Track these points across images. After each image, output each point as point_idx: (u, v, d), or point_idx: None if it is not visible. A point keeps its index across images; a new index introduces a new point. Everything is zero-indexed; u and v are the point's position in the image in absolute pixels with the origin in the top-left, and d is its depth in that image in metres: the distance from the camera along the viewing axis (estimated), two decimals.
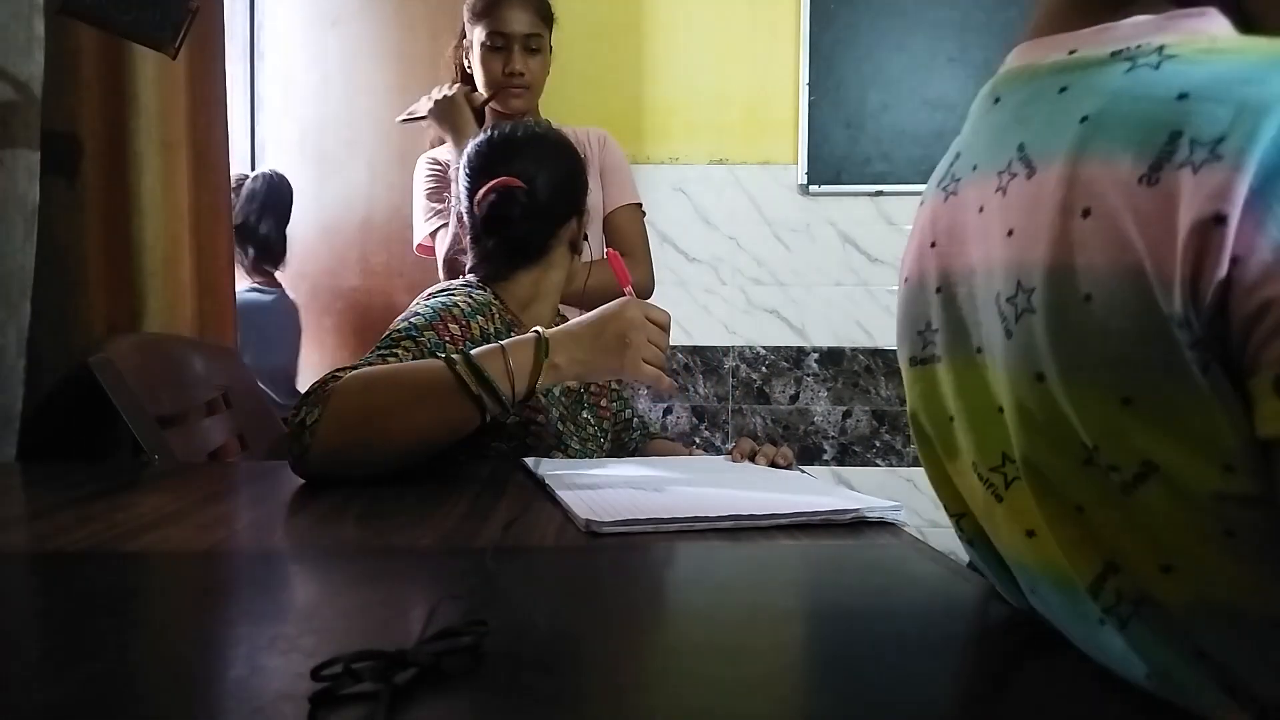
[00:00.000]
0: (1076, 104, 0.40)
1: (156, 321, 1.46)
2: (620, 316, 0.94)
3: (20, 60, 1.22)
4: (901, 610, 0.52)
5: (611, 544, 0.64)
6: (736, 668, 0.41)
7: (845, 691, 0.39)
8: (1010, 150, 0.43)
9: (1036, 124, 0.42)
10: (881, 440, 2.71)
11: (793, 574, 0.61)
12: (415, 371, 0.90)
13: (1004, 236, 0.42)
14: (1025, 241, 0.40)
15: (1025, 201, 0.41)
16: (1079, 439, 0.38)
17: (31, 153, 1.24)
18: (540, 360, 0.90)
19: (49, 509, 0.76)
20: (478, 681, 0.37)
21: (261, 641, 0.43)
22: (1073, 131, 0.39)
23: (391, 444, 0.87)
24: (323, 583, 0.58)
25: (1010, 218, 0.41)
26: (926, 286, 0.49)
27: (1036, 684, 0.41)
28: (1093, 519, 0.39)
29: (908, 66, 2.64)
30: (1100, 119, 0.38)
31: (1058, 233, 0.38)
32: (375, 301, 2.48)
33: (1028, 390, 0.40)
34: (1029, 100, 0.44)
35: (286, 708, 0.34)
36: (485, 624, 0.39)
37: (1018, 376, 0.41)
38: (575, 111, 2.10)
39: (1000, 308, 0.42)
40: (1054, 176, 0.39)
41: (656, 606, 0.54)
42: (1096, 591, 0.39)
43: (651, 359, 0.95)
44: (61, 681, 0.37)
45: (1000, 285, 0.42)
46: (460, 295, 1.10)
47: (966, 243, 0.46)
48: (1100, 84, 0.40)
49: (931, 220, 0.50)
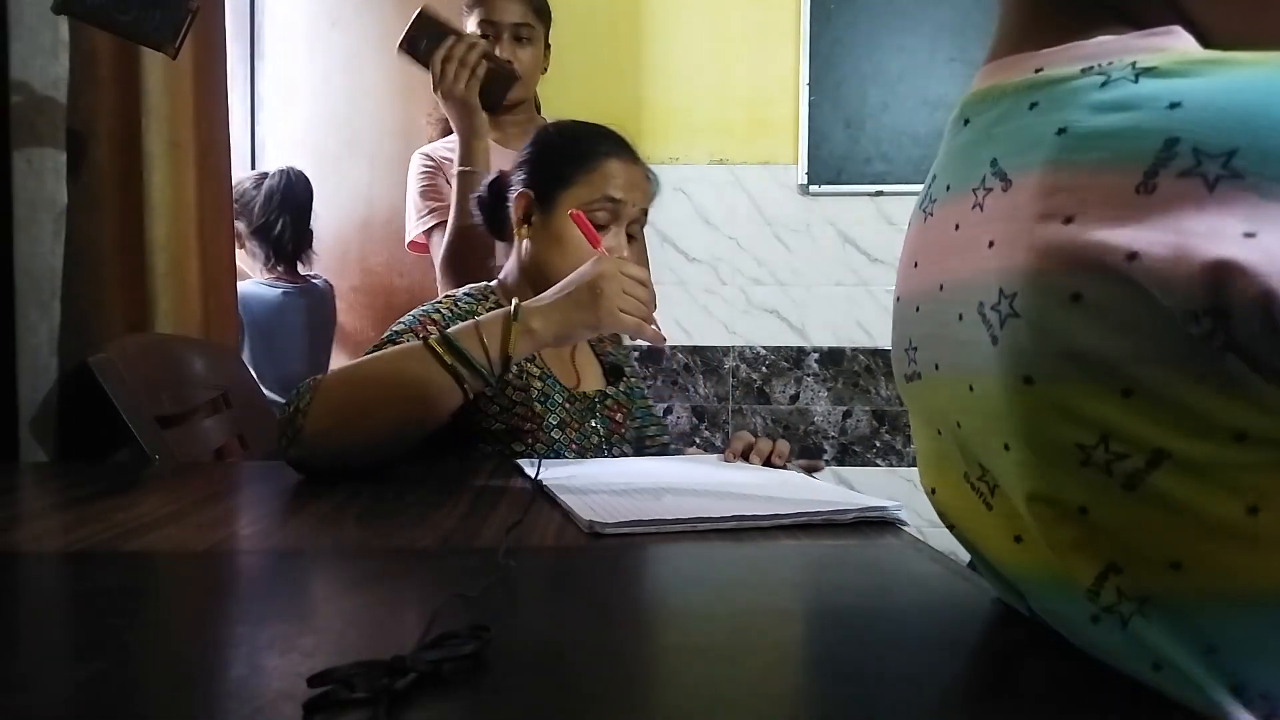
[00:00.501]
0: (1048, 117, 0.40)
1: (167, 321, 1.47)
2: (590, 272, 0.97)
3: (47, 62, 1.24)
4: (901, 610, 0.52)
5: (613, 544, 0.64)
6: (737, 668, 0.41)
7: (845, 691, 0.39)
8: (983, 166, 0.44)
9: (1007, 140, 0.43)
10: (881, 440, 2.71)
11: (793, 574, 0.61)
12: (395, 354, 0.95)
13: (986, 248, 0.42)
14: (1006, 250, 0.41)
15: (1003, 212, 0.41)
16: (1074, 439, 0.38)
17: (58, 153, 1.25)
18: (510, 327, 0.93)
19: (49, 509, 0.76)
20: (478, 685, 0.37)
21: (261, 641, 0.43)
22: (1049, 143, 0.39)
23: (376, 423, 0.90)
24: (323, 583, 0.58)
25: (991, 229, 0.42)
26: (909, 304, 0.51)
27: (1037, 684, 0.41)
28: (1096, 520, 0.39)
29: (908, 66, 2.64)
30: (1079, 129, 0.39)
31: (1038, 239, 0.38)
32: (375, 302, 2.48)
33: (1017, 395, 0.40)
34: (998, 119, 0.44)
35: (286, 708, 0.34)
36: (488, 629, 0.39)
37: (1006, 382, 0.41)
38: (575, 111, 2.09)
39: (985, 316, 0.42)
40: (1031, 186, 0.40)
41: (659, 607, 0.54)
42: (1096, 592, 0.39)
43: (630, 309, 0.96)
44: (61, 681, 0.37)
45: (983, 295, 0.42)
46: (446, 303, 1.13)
47: (945, 260, 0.47)
48: (1074, 98, 0.40)
49: (914, 240, 0.52)
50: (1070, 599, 0.41)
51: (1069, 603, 0.42)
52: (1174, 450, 0.36)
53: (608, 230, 1.14)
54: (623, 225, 1.16)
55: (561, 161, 1.17)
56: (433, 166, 1.65)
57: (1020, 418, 0.40)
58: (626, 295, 0.96)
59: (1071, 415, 0.38)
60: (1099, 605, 0.39)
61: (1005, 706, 0.39)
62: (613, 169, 1.15)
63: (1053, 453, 0.39)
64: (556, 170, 1.16)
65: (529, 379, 1.12)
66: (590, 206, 1.13)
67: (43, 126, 1.24)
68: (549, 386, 1.14)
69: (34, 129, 1.23)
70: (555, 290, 0.98)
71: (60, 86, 1.25)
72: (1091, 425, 0.38)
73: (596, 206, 1.13)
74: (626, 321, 0.96)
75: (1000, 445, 0.42)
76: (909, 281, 0.52)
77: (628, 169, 1.16)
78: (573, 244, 1.13)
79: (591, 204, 1.13)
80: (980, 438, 0.45)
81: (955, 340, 0.45)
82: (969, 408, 0.45)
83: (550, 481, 0.84)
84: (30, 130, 1.23)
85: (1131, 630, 0.38)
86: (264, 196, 2.11)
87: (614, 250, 1.14)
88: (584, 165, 1.15)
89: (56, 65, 1.25)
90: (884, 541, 0.67)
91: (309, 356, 2.19)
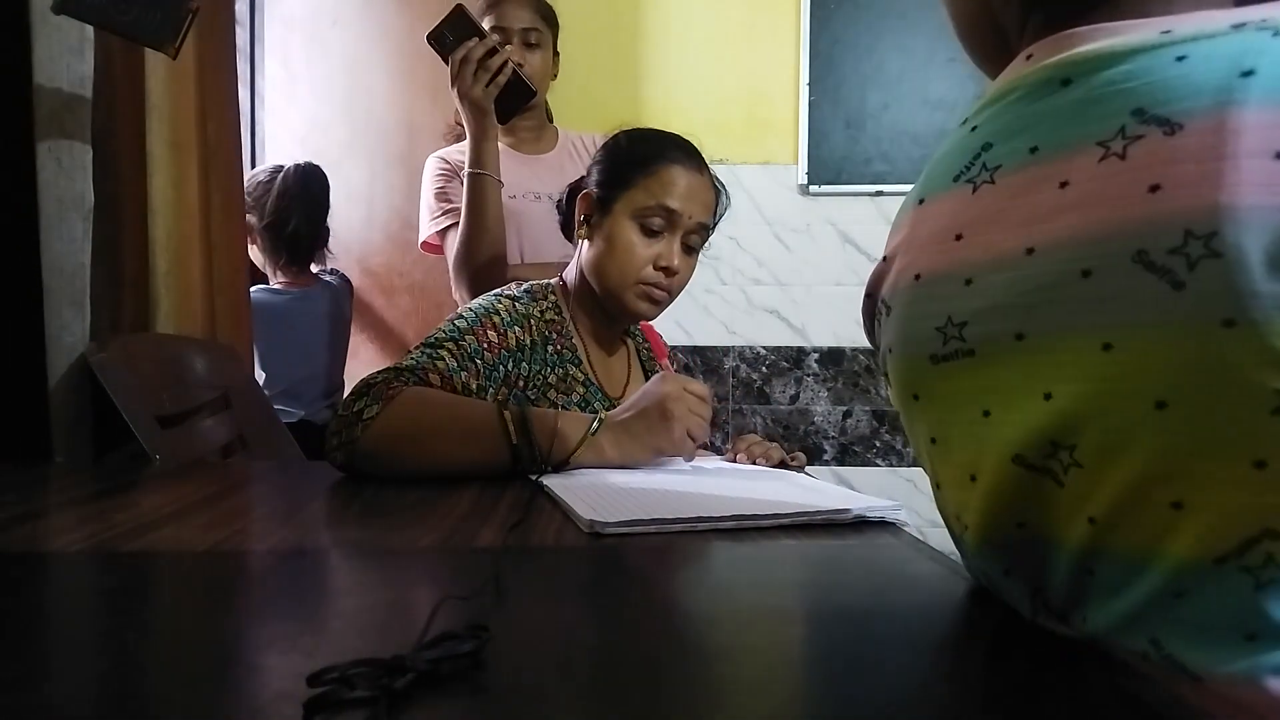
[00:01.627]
0: (1214, 65, 0.40)
1: (169, 322, 1.47)
2: (658, 392, 0.97)
3: (74, 60, 1.24)
4: (901, 610, 0.52)
5: (613, 544, 0.64)
6: (737, 668, 0.41)
7: (845, 692, 0.39)
8: (1120, 117, 0.43)
9: (1153, 90, 0.42)
10: (881, 440, 2.71)
11: (793, 574, 0.61)
12: (471, 407, 0.96)
13: (1145, 193, 0.41)
14: (1186, 191, 0.39)
15: (1176, 154, 0.40)
16: (1271, 383, 0.37)
17: (86, 151, 1.26)
18: (584, 439, 0.94)
19: (49, 509, 0.76)
20: (478, 685, 0.37)
21: (261, 641, 0.43)
22: (1234, 85, 0.39)
23: (426, 462, 0.91)
24: (323, 583, 0.58)
25: (1152, 174, 0.41)
26: (949, 280, 0.49)
27: (1037, 684, 0.41)
28: (1272, 472, 0.38)
29: (908, 66, 2.64)
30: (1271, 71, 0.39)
31: (1242, 175, 0.38)
32: (375, 302, 2.48)
33: (1212, 341, 0.39)
34: (1129, 75, 0.44)
35: (286, 708, 0.34)
36: (487, 629, 0.39)
37: (1196, 328, 0.39)
38: (575, 112, 2.10)
39: (1157, 263, 0.40)
40: (1222, 125, 0.39)
41: (658, 607, 0.54)
42: (1235, 556, 0.39)
43: (696, 434, 0.97)
44: (61, 681, 0.37)
45: (1150, 241, 0.40)
46: (505, 302, 1.12)
47: (1040, 222, 0.45)
48: (1235, 48, 0.40)
49: (953, 214, 0.50)
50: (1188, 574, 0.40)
51: (1146, 577, 0.41)
52: None
53: (660, 238, 1.14)
54: (677, 235, 1.14)
55: (624, 165, 1.16)
56: (448, 169, 1.67)
57: (1208, 367, 0.39)
58: (694, 415, 0.96)
59: (1273, 356, 0.37)
60: (1238, 564, 0.39)
61: (1005, 707, 0.39)
62: (673, 176, 1.13)
63: (1243, 400, 0.38)
64: (618, 173, 1.16)
65: (573, 383, 1.13)
66: (645, 213, 1.13)
67: (71, 125, 1.24)
68: (591, 393, 1.15)
69: (63, 127, 1.23)
70: (629, 407, 0.98)
71: (87, 84, 1.26)
72: None
73: (651, 213, 1.13)
74: (690, 447, 0.97)
75: (1148, 406, 0.41)
76: (946, 255, 0.50)
77: (689, 178, 1.14)
78: (621, 248, 1.13)
79: (646, 210, 1.13)
80: (1100, 402, 0.42)
81: (1078, 300, 0.43)
82: (1088, 372, 0.43)
83: (550, 481, 0.84)
84: (59, 128, 1.23)
85: (1263, 594, 0.38)
86: (276, 192, 2.07)
87: (663, 257, 1.13)
88: (644, 170, 1.14)
89: (83, 63, 1.25)
90: (884, 541, 0.67)
91: (321, 357, 2.16)
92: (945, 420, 0.51)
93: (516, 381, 1.08)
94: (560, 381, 1.11)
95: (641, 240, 1.13)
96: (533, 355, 1.10)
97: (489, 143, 1.50)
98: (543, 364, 1.11)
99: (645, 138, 1.20)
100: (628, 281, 1.14)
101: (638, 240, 1.13)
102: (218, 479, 1.01)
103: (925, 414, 0.52)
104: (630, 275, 1.14)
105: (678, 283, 1.17)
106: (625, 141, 1.21)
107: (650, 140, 1.18)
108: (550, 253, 1.64)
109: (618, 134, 1.24)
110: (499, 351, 1.06)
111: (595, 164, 1.21)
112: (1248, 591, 0.39)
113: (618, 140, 1.22)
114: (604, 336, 1.22)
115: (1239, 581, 0.39)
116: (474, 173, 1.50)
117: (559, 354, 1.13)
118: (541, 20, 1.67)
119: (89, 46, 1.26)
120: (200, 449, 1.39)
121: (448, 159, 1.69)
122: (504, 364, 1.06)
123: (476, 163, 1.50)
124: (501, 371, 1.06)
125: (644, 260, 1.13)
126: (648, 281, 1.14)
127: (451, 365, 1.00)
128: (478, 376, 1.03)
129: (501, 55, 1.46)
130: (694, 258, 1.19)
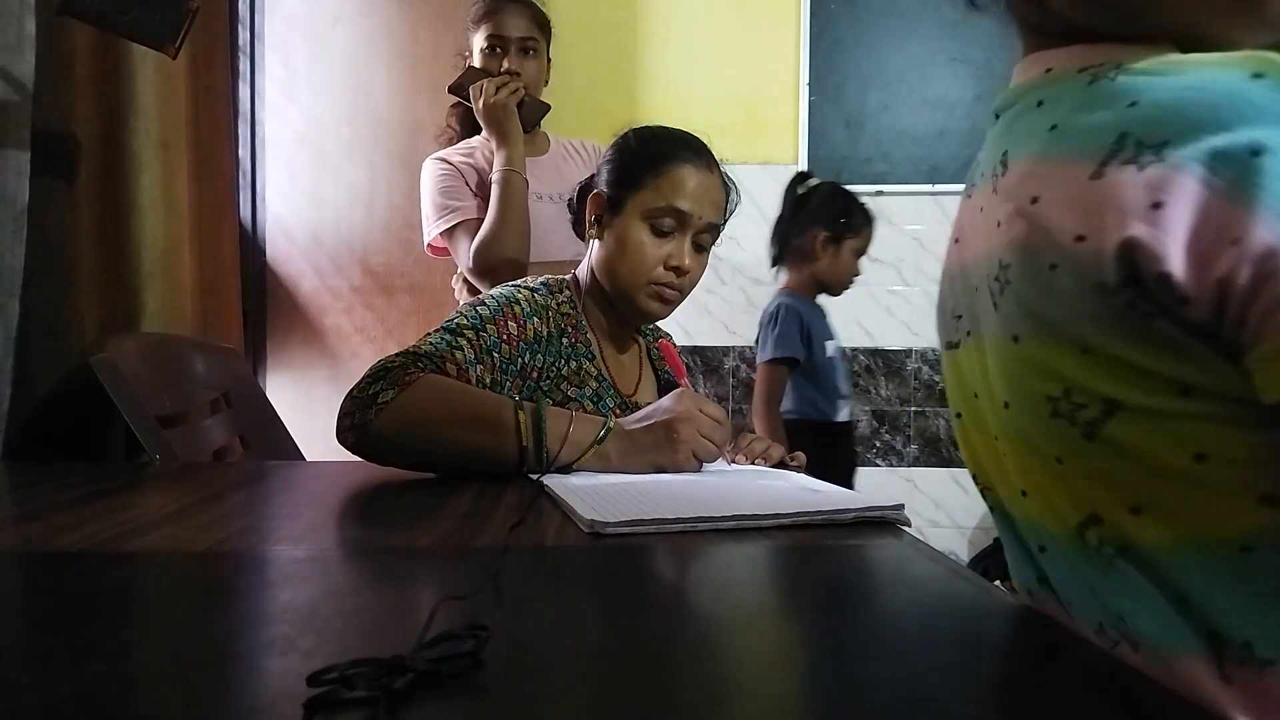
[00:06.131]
0: (1047, 115, 0.48)
1: (155, 321, 1.46)
2: (671, 410, 0.97)
3: (12, 59, 1.22)
4: (901, 610, 0.52)
5: (613, 544, 0.64)
6: (737, 668, 0.41)
7: (845, 692, 0.39)
8: (998, 156, 0.51)
9: (1018, 133, 0.50)
10: (881, 440, 2.70)
11: (793, 574, 0.61)
12: (486, 402, 0.95)
13: (995, 227, 0.49)
14: (1006, 228, 0.48)
15: (1005, 196, 0.48)
16: (1046, 391, 0.44)
17: (21, 153, 1.24)
18: (592, 446, 0.94)
19: (49, 509, 0.76)
20: (478, 685, 0.37)
21: (261, 642, 0.43)
22: (1041, 137, 0.47)
23: (435, 451, 0.92)
24: (322, 583, 0.58)
25: (999, 211, 0.49)
26: (954, 277, 0.58)
27: (1037, 684, 0.41)
28: (1068, 469, 0.44)
29: (908, 66, 2.64)
30: (1064, 126, 0.46)
31: (1024, 218, 0.46)
32: (375, 302, 2.48)
33: (1006, 352, 0.47)
34: (1017, 115, 0.52)
35: (286, 708, 0.34)
36: (486, 629, 0.39)
37: (999, 342, 0.48)
38: (574, 112, 2.11)
39: (990, 286, 0.49)
40: (1021, 173, 0.47)
41: (659, 607, 0.54)
42: (1080, 538, 0.45)
43: (703, 455, 0.96)
44: (61, 681, 0.37)
45: (989, 268, 0.49)
46: (525, 293, 1.12)
47: (975, 238, 0.54)
48: (1066, 96, 0.47)
49: (957, 219, 0.59)
50: (1067, 549, 0.47)
51: (1065, 552, 0.48)
52: (1124, 400, 0.41)
53: (671, 237, 1.13)
54: (687, 235, 1.14)
55: (633, 166, 1.16)
56: (450, 169, 1.69)
57: (1010, 373, 0.47)
58: (703, 439, 0.95)
59: (1043, 369, 0.44)
60: (1087, 550, 0.45)
61: (1005, 707, 0.39)
62: (683, 176, 1.13)
63: (1031, 405, 0.46)
64: (628, 174, 1.16)
65: (585, 378, 1.13)
66: (655, 213, 1.12)
67: (7, 125, 1.22)
68: (604, 388, 1.15)
69: None
70: (641, 418, 0.98)
71: (27, 84, 1.23)
72: (1057, 378, 0.44)
73: (661, 214, 1.12)
74: (694, 467, 0.96)
75: (1001, 403, 0.49)
76: (952, 255, 0.59)
77: (700, 178, 1.14)
78: (632, 249, 1.13)
79: (656, 210, 1.12)
80: (992, 399, 0.51)
81: (975, 311, 0.53)
82: (984, 371, 0.51)
83: (551, 481, 0.84)
84: None
85: (1114, 577, 0.44)
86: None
87: (674, 257, 1.13)
88: (654, 171, 1.13)
89: (22, 62, 1.23)
90: (884, 541, 0.67)
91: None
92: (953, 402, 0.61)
93: (532, 373, 1.08)
94: (574, 374, 1.11)
95: (652, 240, 1.13)
96: (549, 347, 1.10)
97: (518, 146, 1.60)
98: (557, 355, 1.11)
99: (654, 137, 1.19)
100: (639, 282, 1.14)
101: (648, 240, 1.13)
102: (218, 479, 1.01)
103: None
104: (641, 275, 1.14)
105: (689, 282, 1.17)
106: (634, 141, 1.20)
107: (659, 140, 1.18)
108: (555, 252, 1.65)
109: (626, 133, 1.23)
110: (517, 344, 1.06)
111: (605, 163, 1.21)
112: (1105, 575, 0.45)
113: (627, 140, 1.21)
114: (616, 334, 1.22)
115: (1099, 564, 0.45)
116: (507, 171, 1.59)
117: (573, 347, 1.13)
118: (538, 29, 1.72)
119: (29, 45, 1.23)
120: (200, 449, 1.39)
121: (448, 159, 1.70)
122: (521, 356, 1.06)
123: (509, 162, 1.59)
124: (519, 364, 1.06)
125: (655, 260, 1.13)
126: (659, 281, 1.14)
127: (469, 357, 1.01)
128: (492, 370, 1.03)
129: (515, 83, 1.63)
130: (705, 256, 1.19)
